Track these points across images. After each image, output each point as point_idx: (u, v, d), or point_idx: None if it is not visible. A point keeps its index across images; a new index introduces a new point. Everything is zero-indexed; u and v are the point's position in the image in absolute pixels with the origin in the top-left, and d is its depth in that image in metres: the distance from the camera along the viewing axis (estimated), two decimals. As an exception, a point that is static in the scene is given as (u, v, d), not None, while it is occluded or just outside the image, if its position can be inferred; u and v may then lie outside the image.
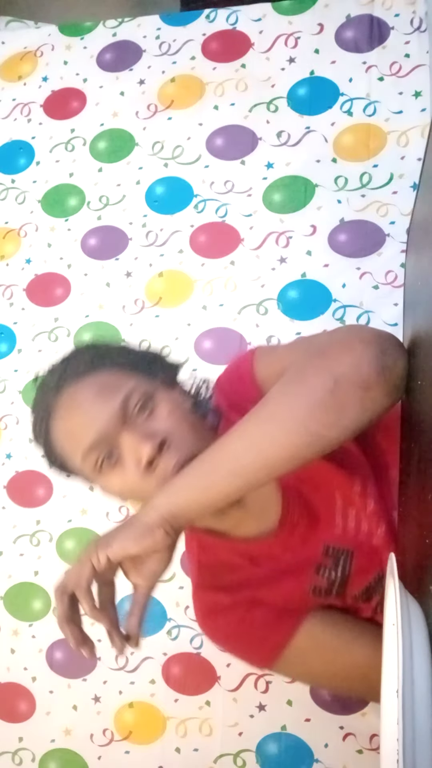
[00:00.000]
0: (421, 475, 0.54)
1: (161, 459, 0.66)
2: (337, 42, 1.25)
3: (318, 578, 0.78)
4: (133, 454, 0.66)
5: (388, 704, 0.45)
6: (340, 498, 0.76)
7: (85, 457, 0.68)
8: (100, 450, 0.67)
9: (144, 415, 0.68)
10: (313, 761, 1.03)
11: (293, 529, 0.77)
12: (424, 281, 0.64)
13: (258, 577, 0.79)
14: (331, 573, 0.77)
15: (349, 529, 0.76)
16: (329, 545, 0.77)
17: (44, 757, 1.15)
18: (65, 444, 0.71)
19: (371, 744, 1.00)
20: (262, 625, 0.79)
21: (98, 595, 0.67)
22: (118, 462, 0.68)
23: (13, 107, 1.42)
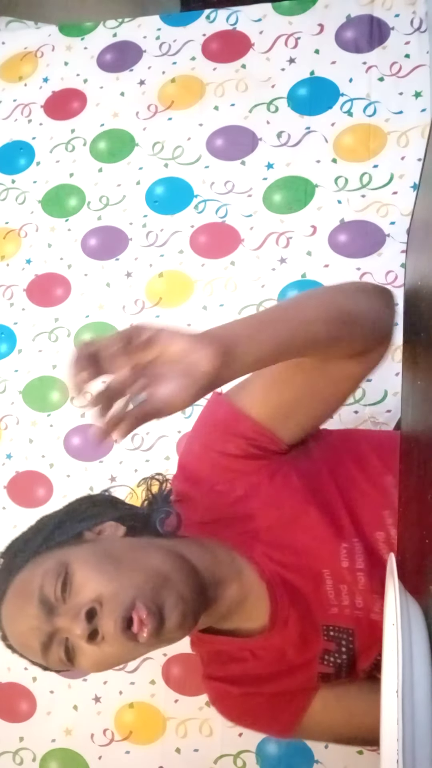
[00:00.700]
0: (421, 475, 0.54)
1: (101, 626, 0.63)
2: (337, 42, 1.25)
3: (323, 666, 0.74)
4: (74, 637, 0.65)
5: (388, 704, 0.45)
6: (329, 576, 0.73)
7: (48, 661, 0.68)
8: (54, 647, 0.66)
9: (67, 592, 0.66)
10: (314, 762, 1.03)
11: (285, 621, 0.73)
12: (424, 281, 0.64)
13: (263, 671, 0.76)
14: (335, 658, 0.73)
15: (344, 607, 0.72)
16: (329, 626, 0.73)
17: (45, 757, 1.15)
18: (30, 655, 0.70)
19: (371, 745, 1.00)
20: (271, 708, 0.78)
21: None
22: (75, 648, 0.66)
23: (14, 108, 1.43)
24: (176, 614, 0.64)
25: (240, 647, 0.76)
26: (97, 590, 0.64)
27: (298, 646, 0.73)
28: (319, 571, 0.72)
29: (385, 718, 0.46)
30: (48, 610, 0.66)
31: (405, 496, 0.66)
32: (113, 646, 0.64)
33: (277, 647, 0.74)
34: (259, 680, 0.76)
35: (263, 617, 0.73)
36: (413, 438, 0.62)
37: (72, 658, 0.66)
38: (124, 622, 0.62)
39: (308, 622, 0.73)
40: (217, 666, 0.79)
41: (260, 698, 0.77)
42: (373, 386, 1.11)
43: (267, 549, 0.74)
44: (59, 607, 0.65)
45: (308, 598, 0.73)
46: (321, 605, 0.72)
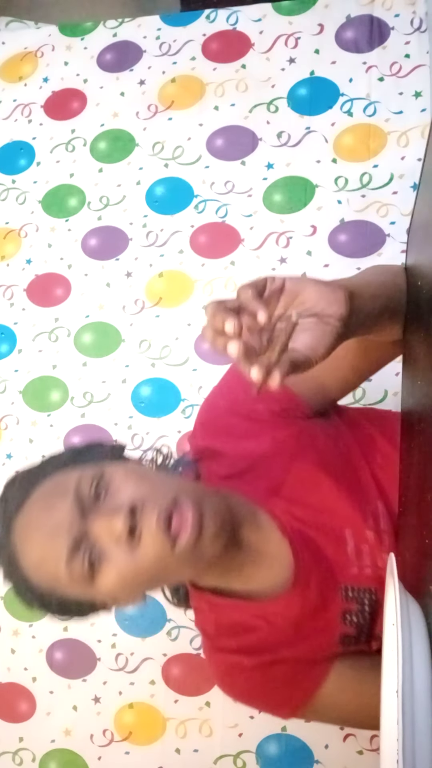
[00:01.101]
0: (421, 475, 0.54)
1: (141, 522, 0.61)
2: (337, 42, 1.25)
3: (345, 626, 0.71)
4: (109, 536, 0.61)
5: (388, 704, 0.45)
6: (351, 536, 0.71)
7: (70, 570, 0.62)
8: (81, 552, 0.62)
9: (101, 498, 0.63)
10: (314, 762, 1.03)
11: (307, 579, 0.71)
12: (424, 281, 0.64)
13: (278, 637, 0.72)
14: (357, 618, 0.71)
15: (364, 567, 0.71)
16: (348, 586, 0.71)
17: (44, 758, 1.15)
18: (43, 572, 0.65)
19: (371, 745, 1.00)
20: (286, 683, 0.73)
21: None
22: (103, 555, 0.62)
23: (14, 108, 1.43)
24: (215, 522, 0.62)
25: (254, 614, 0.72)
26: (137, 492, 0.62)
27: (319, 606, 0.71)
28: (341, 529, 0.71)
29: (385, 718, 0.46)
30: (82, 509, 0.62)
31: (405, 496, 0.66)
32: (148, 548, 0.61)
33: (296, 609, 0.71)
34: (275, 647, 0.72)
35: (282, 575, 0.71)
36: (413, 438, 0.62)
37: (96, 570, 0.62)
38: (167, 516, 0.60)
39: (330, 582, 0.71)
40: (228, 637, 0.74)
41: (275, 670, 0.73)
42: (373, 386, 1.11)
43: (289, 506, 0.72)
44: (94, 510, 0.62)
45: (329, 556, 0.71)
46: (341, 565, 0.71)
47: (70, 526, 0.62)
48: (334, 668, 0.72)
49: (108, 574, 0.62)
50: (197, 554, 0.63)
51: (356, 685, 0.72)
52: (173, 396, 1.21)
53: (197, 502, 0.62)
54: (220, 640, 0.75)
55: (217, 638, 0.76)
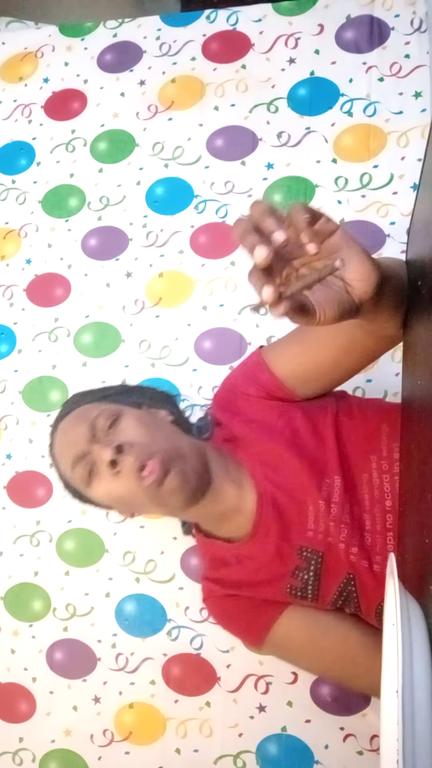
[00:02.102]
0: (421, 475, 0.54)
1: (122, 459, 0.80)
2: (337, 42, 1.25)
3: (293, 579, 0.87)
4: (100, 460, 0.82)
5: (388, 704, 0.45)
6: (311, 503, 0.85)
7: (73, 473, 0.85)
8: (81, 465, 0.84)
9: (111, 430, 0.83)
10: (314, 762, 1.03)
11: (267, 532, 0.87)
12: (424, 281, 0.64)
13: (244, 576, 0.90)
14: (304, 574, 0.86)
15: (318, 533, 0.84)
16: (302, 547, 0.85)
17: (44, 758, 1.15)
18: (61, 466, 0.90)
19: (371, 745, 1.00)
20: (247, 612, 0.91)
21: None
22: (97, 472, 0.83)
23: (14, 108, 1.43)
24: (176, 481, 0.80)
25: (230, 553, 0.91)
26: (133, 436, 0.82)
27: (275, 558, 0.86)
28: (304, 497, 0.85)
29: (385, 718, 0.46)
30: (91, 435, 0.84)
31: (405, 497, 0.66)
32: (123, 480, 0.80)
33: (258, 556, 0.88)
34: (240, 584, 0.91)
35: (246, 523, 0.88)
36: (413, 438, 0.62)
37: (90, 480, 0.83)
38: (140, 464, 0.79)
39: (287, 539, 0.86)
40: (213, 569, 0.95)
41: (239, 601, 0.91)
42: (373, 386, 1.11)
43: (266, 470, 0.88)
44: (100, 437, 0.83)
45: (291, 518, 0.86)
46: (300, 527, 0.85)
47: (79, 444, 0.84)
48: (288, 609, 0.89)
49: (98, 487, 0.83)
50: (161, 498, 0.81)
51: (305, 628, 0.88)
52: (173, 396, 1.21)
53: (167, 461, 0.80)
54: (208, 570, 0.96)
55: (208, 569, 0.96)
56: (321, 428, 0.88)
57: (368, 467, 0.84)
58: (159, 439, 0.84)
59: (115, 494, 0.83)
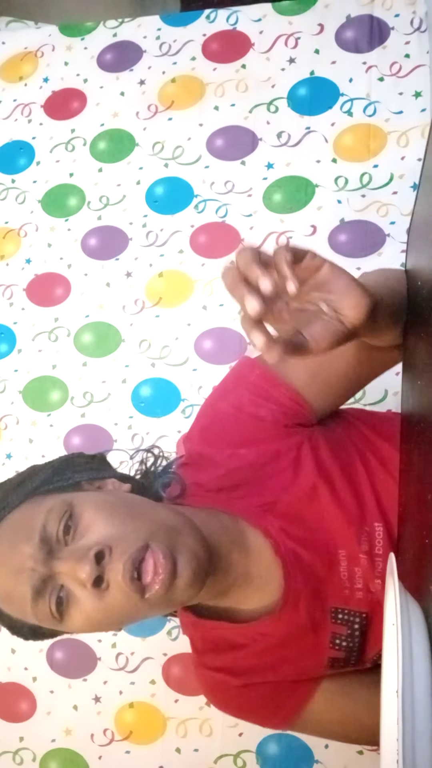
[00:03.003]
0: (421, 475, 0.54)
1: (108, 570, 0.58)
2: (337, 42, 1.25)
3: (333, 650, 0.69)
4: (75, 582, 0.58)
5: (388, 704, 0.45)
6: (345, 557, 0.69)
7: (36, 611, 0.60)
8: (47, 595, 0.59)
9: (70, 534, 0.60)
10: (314, 762, 1.03)
11: (297, 600, 0.68)
12: (424, 281, 0.64)
13: (265, 659, 0.70)
14: (347, 642, 0.69)
15: (356, 590, 0.68)
16: (338, 609, 0.69)
17: (45, 757, 1.15)
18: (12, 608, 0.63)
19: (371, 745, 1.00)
20: (272, 700, 0.72)
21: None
22: (70, 598, 0.59)
23: (14, 108, 1.43)
24: (190, 567, 0.58)
25: (240, 632, 0.69)
26: (106, 533, 0.59)
27: (308, 629, 0.68)
28: (336, 551, 0.68)
29: (385, 718, 0.46)
30: (48, 551, 0.59)
31: (405, 496, 0.66)
32: (116, 596, 0.58)
33: (284, 632, 0.68)
34: (260, 669, 0.71)
35: (271, 597, 0.68)
36: (413, 438, 0.62)
37: (63, 611, 0.59)
38: (133, 567, 0.57)
39: (318, 603, 0.68)
40: (213, 654, 0.72)
41: (261, 689, 0.72)
42: (373, 386, 1.10)
43: (284, 523, 0.69)
44: (60, 550, 0.59)
45: (320, 578, 0.68)
46: (333, 587, 0.68)
47: (34, 570, 0.59)
48: (321, 688, 0.71)
49: (76, 616, 0.60)
50: (170, 599, 0.60)
51: (343, 704, 0.71)
52: (173, 396, 1.21)
53: (171, 545, 0.58)
54: (205, 656, 0.73)
55: (203, 654, 0.73)
56: (348, 461, 0.71)
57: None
58: (139, 523, 0.60)
59: (104, 617, 0.60)
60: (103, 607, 0.59)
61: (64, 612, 0.60)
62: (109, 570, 0.57)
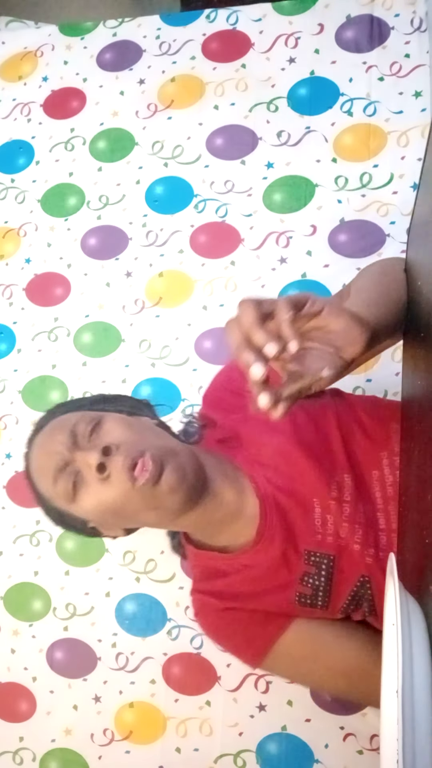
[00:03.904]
0: (421, 475, 0.54)
1: (110, 462, 0.73)
2: (337, 42, 1.25)
3: (302, 586, 0.80)
4: (86, 467, 0.75)
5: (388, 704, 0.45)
6: (318, 505, 0.80)
7: (55, 487, 0.78)
8: (64, 477, 0.77)
9: (92, 436, 0.77)
10: (314, 761, 1.03)
11: (272, 537, 0.80)
12: (424, 281, 0.64)
13: (245, 587, 0.83)
14: (314, 579, 0.80)
15: (327, 535, 0.79)
16: (310, 551, 0.80)
17: (45, 757, 1.15)
18: (41, 484, 0.82)
19: (371, 744, 1.00)
20: (248, 626, 0.83)
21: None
22: (82, 481, 0.76)
23: (13, 107, 1.42)
24: (173, 477, 0.74)
25: (227, 563, 0.84)
26: (118, 438, 0.76)
27: (281, 565, 0.80)
28: (310, 498, 0.80)
29: (385, 718, 0.46)
30: (73, 442, 0.77)
31: (405, 496, 0.66)
32: (114, 484, 0.74)
33: (261, 564, 0.81)
34: (240, 596, 0.83)
35: (251, 532, 0.81)
36: (413, 438, 0.62)
37: (76, 491, 0.76)
38: (131, 462, 0.73)
39: (292, 544, 0.80)
40: (206, 581, 0.87)
41: (239, 614, 0.84)
42: (373, 386, 1.11)
43: (267, 472, 0.82)
44: (83, 444, 0.77)
45: (296, 522, 0.80)
46: (307, 531, 0.80)
47: (60, 453, 0.77)
48: (294, 623, 0.82)
49: (86, 496, 0.76)
50: (157, 500, 0.74)
51: (312, 642, 0.82)
52: (173, 396, 1.21)
53: (163, 457, 0.74)
54: (200, 583, 0.89)
55: (198, 581, 0.89)
56: (324, 425, 0.84)
57: (378, 464, 0.81)
58: (147, 438, 0.78)
59: (105, 502, 0.75)
60: (105, 491, 0.75)
61: (77, 492, 0.76)
62: (112, 462, 0.74)
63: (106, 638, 1.15)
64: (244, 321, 0.55)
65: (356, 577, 0.79)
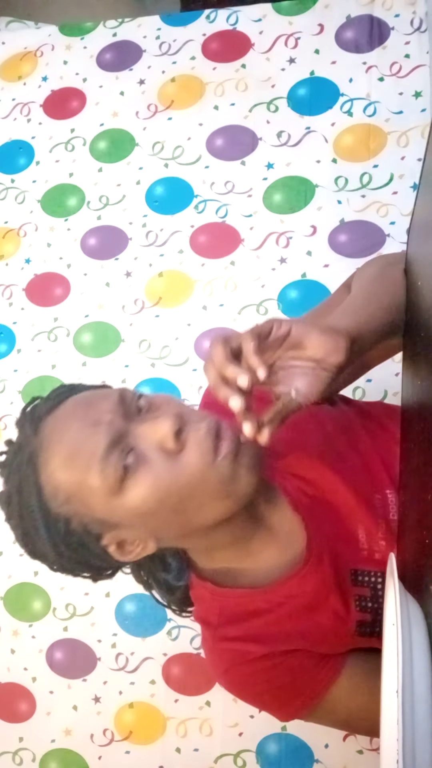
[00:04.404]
0: (421, 475, 0.54)
1: (188, 430, 0.59)
2: (337, 42, 1.25)
3: (360, 613, 0.67)
4: (153, 440, 0.59)
5: (388, 704, 0.45)
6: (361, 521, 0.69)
7: (103, 467, 0.58)
8: (119, 450, 0.58)
9: (143, 412, 0.61)
10: (314, 761, 1.03)
11: (321, 554, 0.68)
12: (423, 281, 0.64)
13: (291, 622, 0.68)
14: (371, 603, 0.67)
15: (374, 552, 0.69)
16: (357, 570, 0.68)
17: (45, 757, 1.15)
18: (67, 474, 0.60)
19: (371, 744, 1.00)
20: (295, 678, 0.68)
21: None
22: (142, 459, 0.59)
23: (13, 107, 1.42)
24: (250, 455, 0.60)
25: (263, 598, 0.67)
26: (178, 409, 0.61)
27: (333, 587, 0.67)
28: (350, 513, 0.69)
29: (385, 718, 0.46)
30: (125, 412, 0.60)
31: (405, 496, 0.66)
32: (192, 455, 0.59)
33: (310, 588, 0.67)
34: (287, 636, 0.67)
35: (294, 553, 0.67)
36: (413, 438, 0.62)
37: (130, 474, 0.58)
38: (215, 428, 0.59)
39: (340, 563, 0.68)
40: (234, 624, 0.69)
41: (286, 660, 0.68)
42: (373, 386, 1.11)
43: (300, 483, 0.71)
44: (136, 416, 0.61)
45: (339, 539, 0.68)
46: (350, 548, 0.68)
47: (113, 421, 0.59)
48: (347, 666, 0.68)
49: (143, 480, 0.58)
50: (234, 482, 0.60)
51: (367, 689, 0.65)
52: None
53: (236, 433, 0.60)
54: (224, 628, 0.69)
55: (222, 627, 0.69)
56: (355, 433, 0.74)
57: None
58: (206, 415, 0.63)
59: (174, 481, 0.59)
60: (175, 468, 0.59)
61: (131, 475, 0.58)
62: (189, 430, 0.59)
63: (106, 638, 1.15)
64: (216, 360, 0.56)
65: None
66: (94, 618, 1.16)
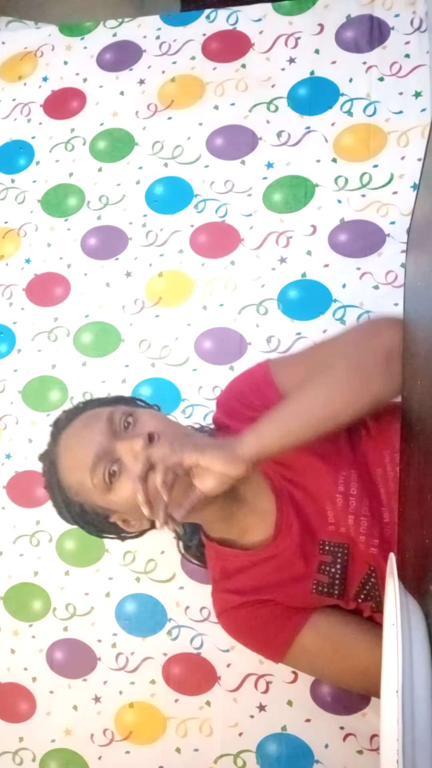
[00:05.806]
0: (421, 475, 0.54)
1: (154, 448, 0.75)
2: (337, 42, 1.25)
3: (319, 575, 0.85)
4: (129, 454, 0.78)
5: (388, 704, 0.45)
6: (328, 497, 0.85)
7: (93, 476, 0.79)
8: (103, 464, 0.78)
9: (129, 428, 0.80)
10: (314, 762, 1.03)
11: (289, 528, 0.86)
12: (424, 281, 0.64)
13: (266, 578, 0.87)
14: (330, 568, 0.85)
15: (339, 525, 0.85)
16: (325, 541, 0.85)
17: (45, 757, 1.15)
18: (72, 475, 0.83)
19: (371, 744, 1.00)
20: (269, 622, 0.87)
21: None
22: (122, 470, 0.78)
23: (13, 107, 1.42)
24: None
25: (248, 559, 0.88)
26: (156, 428, 0.78)
27: (299, 555, 0.85)
28: (320, 492, 0.85)
29: (385, 718, 0.46)
30: (112, 432, 0.80)
31: (405, 497, 0.66)
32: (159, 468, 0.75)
33: (281, 555, 0.86)
34: (261, 588, 0.87)
35: (270, 527, 0.87)
36: (413, 438, 0.62)
37: (114, 480, 0.78)
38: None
39: (309, 535, 0.85)
40: (227, 579, 0.91)
41: (260, 610, 0.88)
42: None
43: (280, 468, 0.87)
44: (121, 436, 0.79)
45: (310, 514, 0.86)
46: (321, 522, 0.85)
47: (100, 442, 0.79)
48: (312, 617, 0.86)
49: (125, 483, 0.78)
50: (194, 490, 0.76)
51: (332, 636, 0.86)
52: (173, 396, 1.21)
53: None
54: (221, 582, 0.92)
55: (220, 581, 0.92)
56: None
57: (381, 461, 0.85)
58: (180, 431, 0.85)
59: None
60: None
61: (116, 481, 0.79)
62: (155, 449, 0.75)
63: (106, 638, 1.15)
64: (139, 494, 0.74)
65: (365, 566, 0.84)
66: (94, 618, 1.16)
